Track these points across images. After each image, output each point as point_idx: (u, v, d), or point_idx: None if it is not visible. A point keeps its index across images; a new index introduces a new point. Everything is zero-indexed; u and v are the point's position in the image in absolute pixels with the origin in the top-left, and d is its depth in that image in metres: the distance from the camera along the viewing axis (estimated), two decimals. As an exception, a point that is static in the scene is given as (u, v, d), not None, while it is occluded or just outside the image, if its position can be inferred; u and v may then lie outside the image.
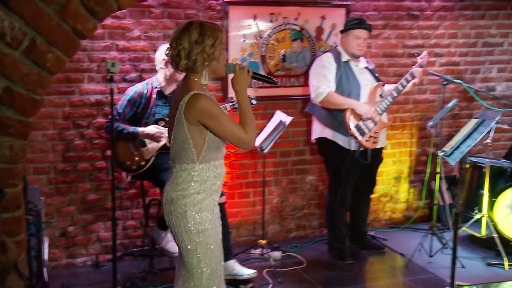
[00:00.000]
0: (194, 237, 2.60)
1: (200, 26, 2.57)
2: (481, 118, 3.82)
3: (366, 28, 4.34)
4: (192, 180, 2.61)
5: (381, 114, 4.39)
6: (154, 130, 3.96)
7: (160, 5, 4.38)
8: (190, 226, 2.59)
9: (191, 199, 2.60)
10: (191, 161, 2.60)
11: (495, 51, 5.51)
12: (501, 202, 4.63)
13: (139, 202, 4.53)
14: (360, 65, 4.43)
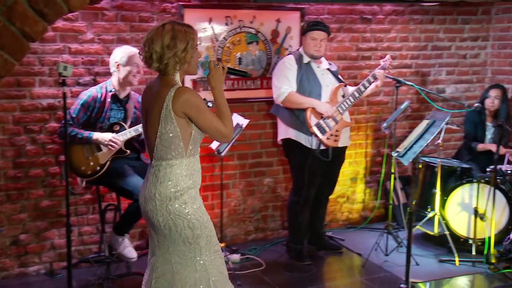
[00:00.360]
0: (196, 231, 2.66)
1: (172, 30, 2.60)
2: (431, 119, 3.90)
3: (321, 29, 4.40)
4: (182, 175, 2.65)
5: (343, 114, 4.45)
6: (108, 137, 3.89)
7: (114, 8, 4.31)
8: (194, 222, 2.65)
9: (188, 195, 2.66)
10: (180, 156, 2.64)
11: (443, 54, 5.66)
12: (452, 200, 4.75)
13: (95, 207, 4.44)
14: (322, 67, 4.51)
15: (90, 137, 3.89)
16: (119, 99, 4.03)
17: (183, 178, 2.65)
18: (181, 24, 2.66)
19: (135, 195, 3.85)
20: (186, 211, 2.65)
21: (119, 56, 3.96)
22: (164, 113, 2.60)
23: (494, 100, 5.13)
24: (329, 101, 4.42)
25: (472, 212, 4.60)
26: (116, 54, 3.98)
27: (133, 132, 3.97)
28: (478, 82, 5.78)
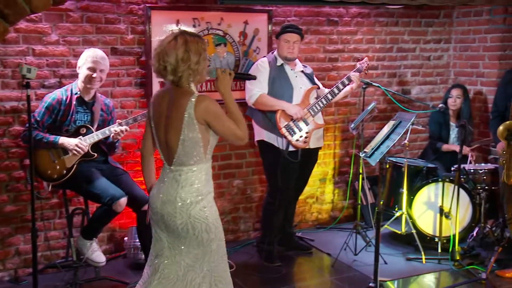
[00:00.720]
0: (211, 235, 2.75)
1: (185, 43, 2.66)
2: (398, 120, 3.95)
3: (294, 31, 4.44)
4: (202, 180, 2.75)
5: (314, 116, 4.46)
6: (74, 142, 3.82)
7: (79, 9, 4.24)
8: (211, 226, 2.74)
9: (207, 200, 2.76)
10: (200, 161, 2.74)
11: (408, 56, 5.75)
12: (419, 199, 4.82)
13: (62, 211, 4.36)
14: (296, 69, 4.53)
15: (55, 141, 3.81)
16: (85, 102, 3.96)
17: (203, 183, 2.75)
18: (192, 35, 2.72)
19: (103, 198, 3.81)
20: (205, 214, 2.73)
21: (82, 58, 3.91)
22: (187, 121, 2.67)
23: (456, 99, 5.23)
24: (300, 103, 4.43)
25: (437, 210, 4.67)
26: (81, 56, 3.93)
27: (100, 135, 3.91)
28: (441, 83, 5.89)
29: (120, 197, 3.82)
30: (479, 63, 5.64)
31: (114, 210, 3.84)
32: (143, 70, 4.55)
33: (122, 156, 4.53)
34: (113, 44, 4.41)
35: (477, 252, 4.64)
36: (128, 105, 4.56)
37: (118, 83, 4.49)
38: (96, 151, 3.97)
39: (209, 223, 2.73)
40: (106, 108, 4.09)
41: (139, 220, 4.04)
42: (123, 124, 3.93)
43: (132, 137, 4.56)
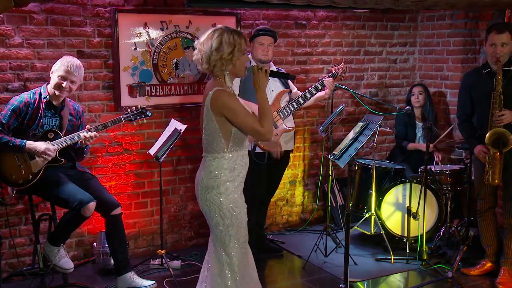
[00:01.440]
0: (226, 221, 2.95)
1: (221, 34, 2.87)
2: (365, 122, 3.97)
3: (268, 34, 4.45)
4: (223, 168, 2.93)
5: (284, 119, 4.45)
6: (42, 147, 3.73)
7: (43, 11, 4.16)
8: (225, 213, 2.94)
9: (224, 188, 2.94)
10: (221, 151, 2.93)
11: (375, 59, 5.81)
12: (387, 200, 4.86)
13: (28, 217, 4.25)
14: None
15: (22, 145, 3.71)
16: (54, 106, 3.88)
17: (223, 171, 2.93)
18: (231, 30, 2.90)
19: (71, 203, 3.75)
20: (220, 200, 2.93)
21: (57, 64, 3.83)
22: (206, 111, 2.91)
23: (418, 96, 5.33)
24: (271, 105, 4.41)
25: (405, 211, 4.71)
26: (57, 61, 3.85)
27: (68, 141, 3.83)
28: (408, 85, 5.95)
29: (89, 202, 3.76)
30: (443, 66, 5.73)
31: (83, 215, 3.77)
32: (110, 74, 4.49)
33: (90, 160, 4.45)
34: (80, 47, 4.34)
35: (444, 251, 4.71)
36: (95, 109, 4.49)
37: (85, 86, 4.42)
38: (64, 157, 3.89)
39: (222, 209, 2.92)
40: (75, 112, 4.02)
41: (108, 225, 3.99)
42: (92, 130, 3.85)
43: (101, 141, 4.49)
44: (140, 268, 4.38)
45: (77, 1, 4.26)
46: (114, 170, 4.60)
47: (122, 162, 4.63)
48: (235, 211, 2.96)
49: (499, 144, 3.97)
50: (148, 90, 4.63)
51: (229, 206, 2.94)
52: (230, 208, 2.95)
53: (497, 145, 3.98)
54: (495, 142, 3.99)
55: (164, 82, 4.70)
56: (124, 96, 4.53)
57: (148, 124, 4.66)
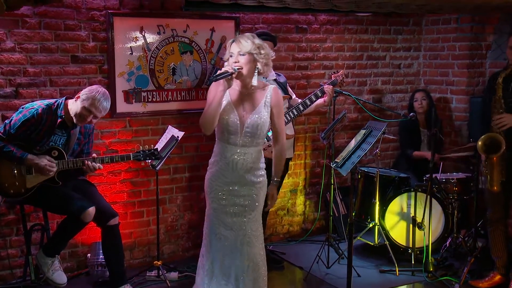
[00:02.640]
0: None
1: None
2: (368, 129, 3.94)
3: (268, 39, 4.40)
4: (215, 151, 3.44)
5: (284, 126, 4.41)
6: (43, 162, 3.67)
7: (36, 15, 4.12)
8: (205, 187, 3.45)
9: (210, 165, 3.45)
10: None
11: (378, 64, 5.78)
12: (391, 210, 4.82)
13: (20, 228, 4.20)
14: (268, 78, 4.48)
15: (23, 158, 3.63)
16: (66, 126, 3.80)
17: (214, 153, 3.44)
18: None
19: (70, 207, 3.70)
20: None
21: (86, 93, 3.70)
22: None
23: (421, 101, 5.31)
24: None
25: (410, 221, 4.67)
26: (91, 89, 3.74)
27: (71, 165, 3.75)
28: (412, 91, 5.91)
29: (89, 207, 3.73)
30: (449, 71, 5.71)
31: (83, 220, 3.73)
32: (105, 79, 4.45)
33: (84, 168, 4.39)
34: (74, 52, 4.30)
35: (450, 263, 4.67)
36: None
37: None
38: (62, 180, 3.82)
39: (205, 184, 3.43)
40: (85, 131, 3.94)
41: (104, 235, 3.95)
42: (97, 160, 3.78)
43: (96, 149, 4.42)
44: (136, 280, 4.34)
45: (71, 4, 4.23)
46: (109, 178, 4.56)
47: (118, 170, 4.59)
48: (210, 188, 3.45)
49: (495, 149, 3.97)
50: (145, 96, 4.60)
51: (207, 182, 3.48)
52: (207, 184, 3.48)
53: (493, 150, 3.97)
54: (490, 147, 3.98)
55: (161, 88, 4.67)
56: (119, 102, 4.50)
57: (144, 131, 4.63)
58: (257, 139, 3.32)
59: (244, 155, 3.31)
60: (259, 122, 3.29)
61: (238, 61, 3.23)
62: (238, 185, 3.34)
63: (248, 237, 3.35)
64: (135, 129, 4.58)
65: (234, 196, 3.34)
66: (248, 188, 3.34)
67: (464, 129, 5.57)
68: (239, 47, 3.23)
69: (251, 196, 3.36)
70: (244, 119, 3.29)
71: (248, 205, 3.35)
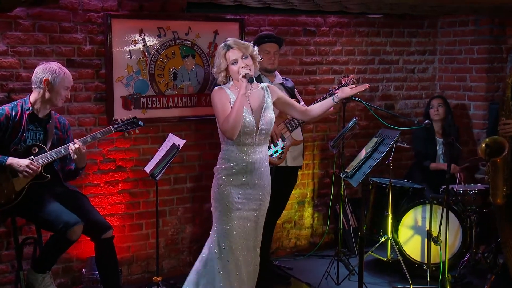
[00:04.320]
0: (213, 203, 3.58)
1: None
2: (380, 137, 3.93)
3: (274, 41, 4.47)
4: (220, 158, 3.59)
5: (292, 131, 4.42)
6: (25, 162, 3.65)
7: (30, 17, 4.13)
8: (213, 195, 3.58)
9: (218, 172, 3.57)
10: (222, 142, 3.57)
11: (391, 68, 5.76)
12: (405, 223, 4.78)
13: (11, 241, 4.19)
14: (275, 82, 4.50)
15: (2, 161, 3.64)
16: (38, 119, 3.82)
17: (219, 161, 3.58)
18: None
19: (55, 225, 3.68)
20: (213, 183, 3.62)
21: (51, 75, 3.75)
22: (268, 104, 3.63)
23: (438, 108, 5.29)
24: (276, 117, 4.34)
25: (425, 235, 4.62)
26: (47, 71, 3.77)
27: (54, 155, 3.76)
28: (427, 97, 5.89)
29: (75, 224, 3.69)
30: (466, 76, 5.69)
31: (69, 238, 3.70)
32: (103, 84, 4.46)
33: (80, 178, 4.39)
34: (70, 56, 4.31)
35: (469, 281, 4.63)
36: (86, 123, 4.45)
37: (75, 98, 4.39)
38: (49, 173, 3.81)
39: (214, 191, 3.53)
40: (61, 126, 3.97)
41: (98, 249, 3.92)
42: (78, 142, 3.77)
43: (92, 158, 4.44)
44: (133, 297, 4.32)
45: (67, 5, 4.24)
46: (106, 189, 4.55)
47: (115, 180, 4.58)
48: (219, 196, 3.55)
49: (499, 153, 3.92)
50: (144, 102, 4.60)
51: (215, 190, 3.57)
52: (216, 192, 3.57)
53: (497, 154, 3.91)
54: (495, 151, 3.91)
55: (161, 94, 4.66)
56: (117, 108, 4.50)
57: (144, 139, 4.62)
58: (268, 136, 3.60)
59: (260, 153, 3.54)
60: (272, 117, 3.57)
61: (246, 65, 3.44)
62: (253, 189, 3.55)
63: (257, 241, 3.62)
64: (134, 137, 4.54)
65: (248, 199, 3.54)
66: (260, 191, 3.58)
67: (483, 138, 5.52)
68: (241, 52, 3.47)
69: (261, 200, 3.60)
70: (257, 118, 3.51)
71: (258, 209, 3.60)
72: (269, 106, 3.58)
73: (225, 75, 3.54)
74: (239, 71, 3.42)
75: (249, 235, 3.55)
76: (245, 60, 3.45)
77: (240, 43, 3.51)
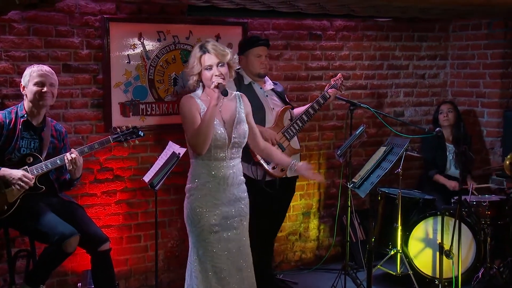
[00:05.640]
0: (188, 227, 3.48)
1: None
2: (389, 145, 3.92)
3: (265, 44, 4.42)
4: (190, 174, 3.49)
5: (290, 140, 4.40)
6: (18, 174, 3.64)
7: (24, 20, 4.14)
8: (187, 218, 3.48)
9: (190, 193, 3.47)
10: (192, 157, 3.45)
11: (400, 74, 5.77)
12: (415, 236, 4.77)
13: (3, 254, 4.18)
14: (266, 87, 4.47)
15: None
16: (33, 127, 3.81)
17: (189, 178, 3.50)
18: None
19: (51, 237, 3.67)
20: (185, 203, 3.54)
21: (26, 75, 3.77)
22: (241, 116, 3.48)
23: (447, 114, 5.31)
24: (274, 126, 4.36)
25: (437, 248, 4.58)
26: (24, 74, 3.79)
27: (49, 165, 3.75)
28: (438, 104, 5.86)
29: (71, 236, 3.68)
30: (480, 81, 5.68)
31: (64, 250, 3.69)
32: (100, 90, 4.47)
33: (76, 188, 4.38)
34: (66, 60, 4.32)
35: (483, 296, 4.60)
36: (83, 130, 4.45)
37: (71, 104, 4.39)
38: (44, 183, 3.80)
39: (187, 214, 3.42)
40: (57, 134, 3.96)
41: (94, 262, 3.91)
42: (74, 152, 3.76)
43: (88, 167, 4.44)
44: (131, 313, 4.30)
45: (63, 8, 4.25)
46: (103, 199, 4.55)
47: (113, 190, 4.58)
48: (194, 219, 3.43)
49: None
50: (143, 109, 4.61)
51: (190, 212, 3.44)
52: (190, 215, 3.46)
53: None
54: None
55: (161, 100, 4.67)
56: (115, 115, 4.51)
57: (143, 147, 4.62)
58: (241, 148, 3.42)
59: (233, 168, 3.38)
60: (246, 130, 3.40)
61: (221, 73, 3.26)
62: (229, 206, 3.38)
63: (247, 260, 3.46)
64: (132, 145, 4.52)
65: (226, 218, 3.37)
66: (237, 207, 3.41)
67: (497, 146, 5.50)
68: (218, 58, 3.26)
69: (241, 215, 3.43)
70: (229, 130, 3.34)
71: (238, 227, 3.42)
72: (241, 117, 3.40)
73: (196, 80, 3.35)
74: (212, 79, 3.25)
75: (235, 256, 3.38)
76: (221, 68, 3.25)
77: (219, 48, 3.28)
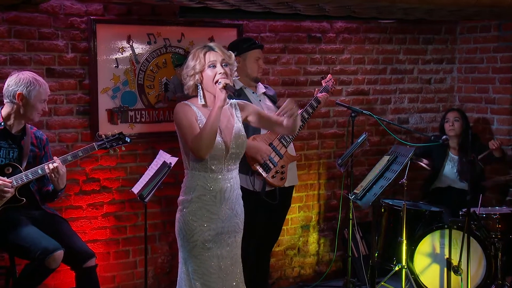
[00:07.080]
0: (179, 241, 3.42)
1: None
2: (393, 154, 3.91)
3: (260, 46, 4.46)
4: (185, 185, 3.39)
5: (287, 146, 4.39)
6: None
7: (5, 22, 4.13)
8: (179, 232, 3.42)
9: (183, 206, 3.39)
10: (186, 167, 3.37)
11: (405, 78, 5.77)
12: (421, 250, 4.75)
13: (-19, 272, 4.15)
14: (258, 91, 4.47)
15: None
16: (11, 135, 3.79)
17: (183, 189, 3.37)
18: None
19: (33, 252, 3.64)
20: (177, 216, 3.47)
21: (26, 89, 3.72)
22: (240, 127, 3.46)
23: (453, 123, 5.31)
24: (269, 133, 4.34)
25: (444, 264, 4.59)
26: (20, 83, 3.74)
27: (30, 176, 3.72)
28: (445, 111, 5.87)
29: (54, 251, 3.65)
30: (489, 87, 5.69)
31: (47, 266, 3.66)
32: (86, 96, 4.46)
33: (61, 200, 4.39)
34: (49, 64, 4.31)
35: (494, 315, 4.57)
36: (68, 138, 4.44)
37: (55, 111, 4.38)
38: (25, 195, 3.78)
39: (179, 227, 3.37)
40: (37, 141, 3.94)
41: (79, 279, 3.89)
42: (57, 160, 3.73)
43: (73, 177, 4.41)
44: (118, 333, 4.27)
45: (47, 9, 4.24)
46: (89, 212, 4.53)
47: (99, 203, 4.57)
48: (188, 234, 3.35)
49: None
50: (132, 116, 4.60)
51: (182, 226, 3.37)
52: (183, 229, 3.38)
53: None
54: None
55: (151, 107, 4.67)
56: (102, 122, 4.50)
57: (131, 157, 4.61)
58: (239, 160, 3.38)
59: (230, 180, 3.34)
60: (244, 140, 3.35)
61: (224, 72, 3.24)
62: (224, 221, 3.33)
63: (239, 277, 3.42)
64: (120, 154, 4.54)
65: (220, 234, 3.32)
66: (233, 222, 3.37)
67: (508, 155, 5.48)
68: (223, 56, 3.27)
69: (235, 231, 3.40)
70: (227, 140, 3.29)
71: (231, 243, 3.38)
72: (239, 126, 3.35)
73: (197, 79, 3.27)
74: (215, 79, 3.20)
75: (228, 274, 3.34)
76: (226, 68, 3.23)
77: (223, 48, 3.32)
